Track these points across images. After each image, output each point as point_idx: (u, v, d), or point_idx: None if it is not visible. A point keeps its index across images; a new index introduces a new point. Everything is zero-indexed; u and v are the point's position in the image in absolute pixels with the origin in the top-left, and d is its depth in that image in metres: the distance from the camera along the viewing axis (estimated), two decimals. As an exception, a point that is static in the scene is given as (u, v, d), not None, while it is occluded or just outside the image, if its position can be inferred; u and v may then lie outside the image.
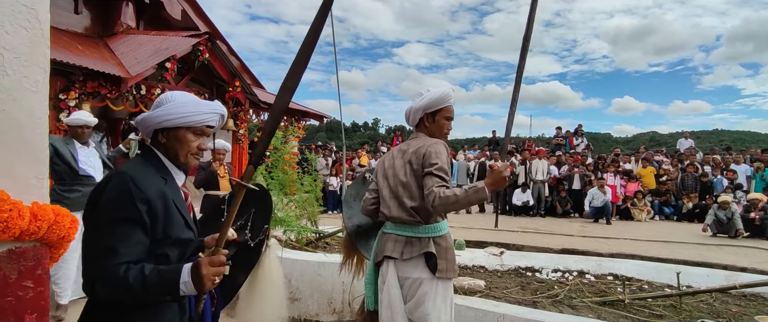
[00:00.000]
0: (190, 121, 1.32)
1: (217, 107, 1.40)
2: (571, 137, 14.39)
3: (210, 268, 1.19)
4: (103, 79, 6.61)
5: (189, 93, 1.39)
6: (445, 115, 2.14)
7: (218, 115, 1.40)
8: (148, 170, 1.30)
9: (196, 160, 1.38)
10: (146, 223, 1.20)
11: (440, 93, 2.12)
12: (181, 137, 1.34)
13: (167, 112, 1.31)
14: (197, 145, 1.36)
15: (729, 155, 12.12)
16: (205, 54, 7.98)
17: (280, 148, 4.65)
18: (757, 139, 47.15)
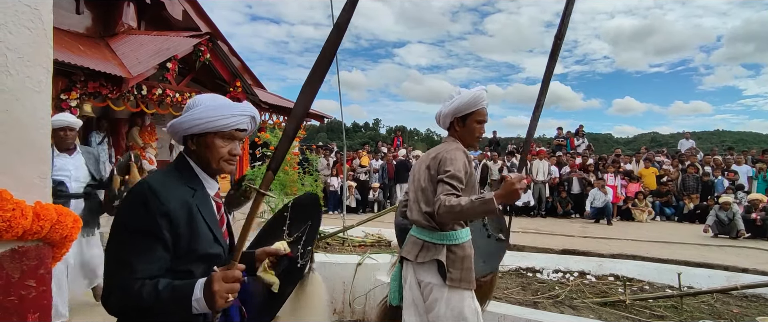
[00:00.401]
0: (217, 125, 1.24)
1: (246, 109, 1.30)
2: (572, 138, 14.38)
3: (223, 284, 1.08)
4: (104, 79, 6.62)
5: (217, 96, 1.31)
6: (476, 119, 2.06)
7: (248, 118, 1.30)
8: (174, 180, 1.25)
9: (229, 166, 1.29)
10: (165, 238, 1.14)
11: (471, 96, 2.04)
12: (210, 143, 1.27)
13: (193, 118, 1.25)
14: (228, 150, 1.28)
15: (730, 156, 12.10)
16: (206, 54, 7.99)
17: (281, 149, 4.66)
18: (759, 139, 47.09)
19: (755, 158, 11.40)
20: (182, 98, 7.96)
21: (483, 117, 2.07)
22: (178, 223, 1.16)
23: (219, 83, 8.70)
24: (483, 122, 2.08)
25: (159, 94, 7.51)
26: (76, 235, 1.13)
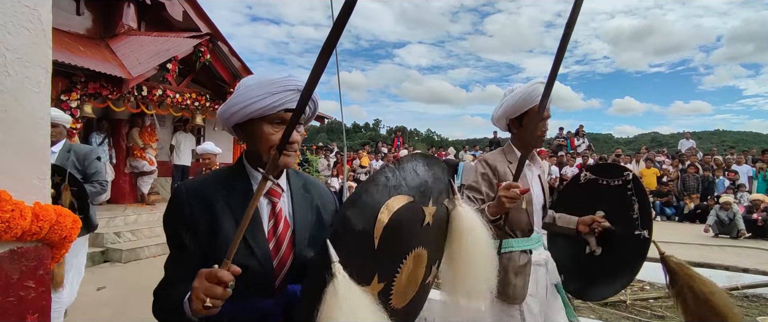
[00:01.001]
0: (260, 107, 1.05)
1: (288, 83, 1.06)
2: (572, 138, 14.39)
3: (203, 282, 0.91)
4: (104, 80, 6.62)
5: (267, 76, 1.10)
6: (533, 118, 1.82)
7: (295, 93, 1.06)
8: (213, 181, 1.12)
9: (286, 157, 1.06)
10: (187, 245, 1.06)
11: (522, 93, 1.85)
12: (256, 131, 1.09)
13: (234, 103, 1.08)
14: (279, 137, 1.05)
15: (730, 156, 12.11)
16: (206, 55, 7.99)
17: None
18: (759, 139, 47.11)
19: (755, 158, 11.40)
20: (182, 99, 7.96)
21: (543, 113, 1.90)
22: (197, 230, 1.05)
23: (219, 84, 8.71)
24: (543, 119, 1.85)
25: (159, 95, 7.52)
26: (75, 235, 1.13)
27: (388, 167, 1.05)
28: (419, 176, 1.12)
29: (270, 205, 1.14)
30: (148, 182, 8.41)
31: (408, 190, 1.08)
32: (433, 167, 1.19)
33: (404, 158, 1.11)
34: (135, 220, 7.18)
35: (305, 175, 1.30)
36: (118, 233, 6.36)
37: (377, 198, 1.01)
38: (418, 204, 1.11)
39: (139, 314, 3.93)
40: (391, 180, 1.04)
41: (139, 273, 5.33)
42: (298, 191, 1.20)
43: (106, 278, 4.90)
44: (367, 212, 0.99)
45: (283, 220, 1.13)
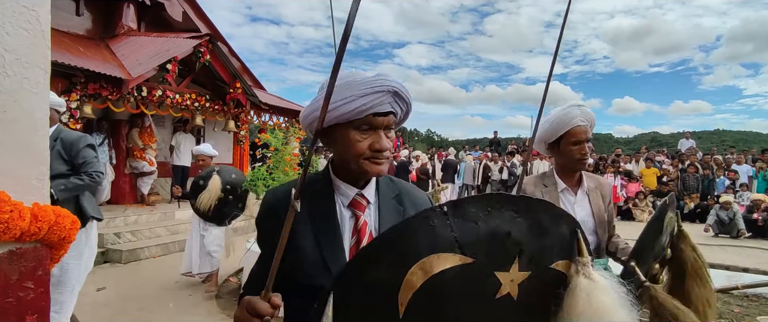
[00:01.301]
0: (346, 111, 0.92)
1: (378, 84, 0.93)
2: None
3: (244, 312, 0.82)
4: (104, 80, 6.62)
5: (352, 72, 0.98)
6: (569, 142, 1.82)
7: (386, 95, 0.94)
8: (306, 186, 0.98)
9: (376, 166, 0.96)
10: (266, 251, 1.01)
11: (556, 117, 1.82)
12: (342, 137, 0.97)
13: (316, 106, 0.96)
14: (369, 144, 0.95)
15: (730, 155, 12.10)
16: (206, 55, 7.99)
17: (281, 150, 4.65)
18: (759, 139, 47.11)
19: (755, 158, 11.39)
20: (182, 100, 7.96)
21: (577, 136, 1.81)
22: (276, 241, 0.92)
23: (219, 84, 8.71)
24: (580, 142, 1.81)
25: (159, 96, 7.52)
26: (74, 236, 1.12)
27: (439, 210, 0.76)
28: (491, 226, 0.78)
29: (353, 218, 1.02)
30: (148, 183, 8.41)
31: (463, 246, 0.77)
32: (529, 213, 0.81)
33: (470, 200, 0.78)
34: (135, 220, 7.18)
35: (403, 184, 1.15)
36: (118, 233, 6.36)
37: (412, 250, 0.75)
38: (485, 268, 0.78)
39: (139, 314, 3.93)
40: (439, 228, 0.76)
41: (139, 274, 5.33)
42: (388, 203, 1.06)
43: (106, 279, 4.89)
44: (392, 266, 0.76)
45: (367, 235, 1.00)
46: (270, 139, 4.66)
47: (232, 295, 4.51)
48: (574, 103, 1.86)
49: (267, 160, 4.87)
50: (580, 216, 1.89)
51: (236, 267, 5.03)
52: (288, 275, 0.93)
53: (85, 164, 2.68)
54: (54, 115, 2.72)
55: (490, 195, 0.79)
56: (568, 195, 1.92)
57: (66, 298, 2.74)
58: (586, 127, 1.83)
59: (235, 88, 8.73)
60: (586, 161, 1.87)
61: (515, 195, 0.81)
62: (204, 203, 4.23)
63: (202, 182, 4.36)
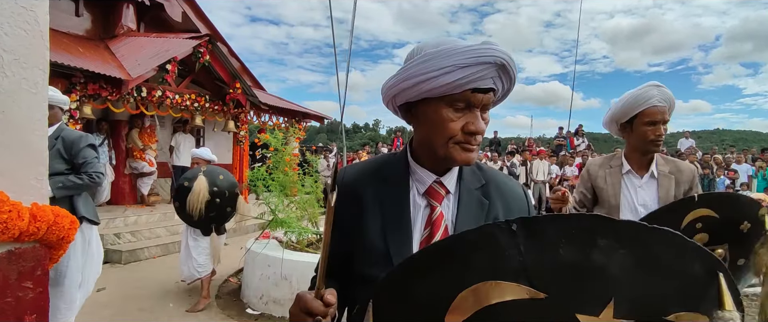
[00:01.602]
0: (441, 84, 0.78)
1: (485, 53, 0.78)
2: (571, 138, 14.39)
3: (297, 310, 0.75)
4: (104, 81, 6.62)
5: (447, 40, 0.84)
6: (643, 121, 1.80)
7: (490, 68, 0.79)
8: (369, 167, 0.94)
9: (466, 152, 0.84)
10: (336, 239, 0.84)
11: (631, 96, 1.82)
12: (430, 115, 0.84)
13: (408, 76, 0.82)
14: (462, 126, 0.82)
15: (730, 154, 12.10)
16: (205, 56, 7.99)
17: (280, 150, 4.65)
18: (759, 138, 47.12)
19: (755, 157, 11.40)
20: (182, 100, 7.96)
21: (652, 117, 1.78)
22: (343, 226, 0.85)
23: (218, 85, 8.70)
24: (654, 123, 1.79)
25: (159, 96, 7.52)
26: (73, 236, 1.12)
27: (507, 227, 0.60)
28: (576, 257, 0.60)
29: (428, 208, 0.89)
30: (147, 183, 8.41)
31: (533, 277, 0.60)
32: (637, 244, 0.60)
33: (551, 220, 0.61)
34: (135, 221, 7.18)
35: (492, 172, 0.99)
36: (118, 234, 6.36)
37: (467, 270, 0.61)
38: (562, 307, 0.60)
39: (140, 315, 3.93)
40: (505, 249, 0.60)
41: (139, 274, 5.33)
42: (471, 195, 0.92)
43: (106, 280, 4.89)
44: (441, 283, 0.63)
45: (441, 229, 0.88)
46: (270, 139, 4.66)
47: (232, 295, 4.51)
48: (652, 83, 1.83)
49: (267, 160, 4.87)
50: (642, 199, 1.87)
51: (236, 267, 5.03)
52: (354, 265, 0.85)
53: (85, 163, 2.64)
54: (58, 112, 2.67)
55: (580, 216, 0.61)
56: (633, 178, 1.91)
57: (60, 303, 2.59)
58: (664, 108, 1.79)
59: (235, 89, 8.73)
60: (659, 143, 1.82)
61: (619, 220, 0.61)
62: (190, 207, 3.91)
63: (187, 184, 4.03)
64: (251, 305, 4.10)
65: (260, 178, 4.46)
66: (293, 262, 3.85)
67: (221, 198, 3.99)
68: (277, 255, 3.91)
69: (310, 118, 12.46)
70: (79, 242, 2.68)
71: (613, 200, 1.91)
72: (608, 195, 1.94)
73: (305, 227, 4.42)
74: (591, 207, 2.07)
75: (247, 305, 4.14)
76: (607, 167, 1.98)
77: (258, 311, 3.99)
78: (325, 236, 0.71)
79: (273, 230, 4.39)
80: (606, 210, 1.95)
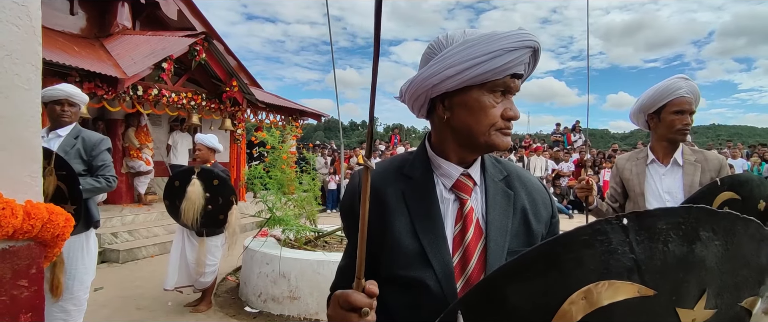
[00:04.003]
0: (487, 70, 0.78)
1: (526, 38, 0.79)
2: (569, 134, 14.42)
3: (337, 309, 0.70)
4: (99, 80, 6.58)
5: (484, 31, 0.82)
6: (671, 111, 1.87)
7: (527, 53, 0.81)
8: (392, 166, 0.91)
9: (505, 139, 0.84)
10: (354, 240, 0.84)
11: (658, 88, 1.89)
12: (471, 102, 0.82)
13: (451, 63, 0.79)
14: (502, 111, 0.83)
15: (727, 149, 12.16)
16: (201, 54, 7.95)
17: (278, 148, 4.64)
18: (754, 133, 47.37)
19: (750, 152, 11.45)
20: (178, 98, 7.93)
21: (680, 106, 1.85)
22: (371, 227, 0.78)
23: (215, 83, 8.67)
24: (682, 113, 1.86)
25: (155, 95, 7.48)
26: (68, 234, 1.11)
27: (617, 223, 0.57)
28: (684, 250, 0.59)
29: (457, 203, 0.86)
30: (144, 182, 8.38)
31: (645, 274, 0.58)
32: (730, 235, 0.62)
33: (661, 213, 0.58)
34: (132, 220, 7.15)
35: (510, 164, 0.98)
36: (115, 233, 6.34)
37: (576, 272, 0.58)
38: (668, 303, 0.60)
39: (138, 314, 3.92)
40: (615, 246, 0.57)
41: (137, 274, 5.31)
42: (497, 187, 0.90)
43: (103, 279, 4.87)
44: (546, 289, 0.59)
45: (473, 225, 0.85)
46: (267, 137, 4.64)
47: (230, 294, 4.50)
48: (680, 76, 1.89)
49: (264, 158, 4.85)
50: (667, 186, 1.94)
51: (234, 265, 5.02)
52: (381, 267, 0.81)
53: (104, 166, 2.63)
54: (78, 111, 2.66)
55: (689, 208, 0.60)
56: (657, 167, 1.99)
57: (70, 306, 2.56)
58: (691, 99, 1.85)
59: (232, 87, 8.70)
60: (686, 132, 1.89)
61: (718, 210, 0.61)
62: (185, 216, 3.63)
63: (177, 184, 3.73)
64: (250, 303, 4.09)
65: (258, 176, 4.45)
66: (291, 260, 3.85)
67: (214, 205, 3.68)
68: (275, 253, 3.90)
69: (307, 116, 12.44)
70: (85, 245, 2.65)
71: (638, 188, 1.99)
72: (633, 185, 2.02)
73: (303, 225, 4.42)
74: (622, 201, 2.14)
75: (245, 303, 4.13)
76: (634, 160, 2.06)
77: (257, 309, 3.98)
78: (361, 225, 0.67)
79: (271, 228, 4.38)
80: (633, 200, 2.03)
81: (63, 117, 2.61)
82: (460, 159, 0.88)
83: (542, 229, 0.91)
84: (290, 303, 3.82)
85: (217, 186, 3.70)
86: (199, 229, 3.75)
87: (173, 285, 3.88)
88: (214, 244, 3.91)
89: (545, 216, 0.92)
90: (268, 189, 4.40)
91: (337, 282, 0.92)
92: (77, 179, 2.20)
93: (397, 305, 0.80)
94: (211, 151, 3.93)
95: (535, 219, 0.90)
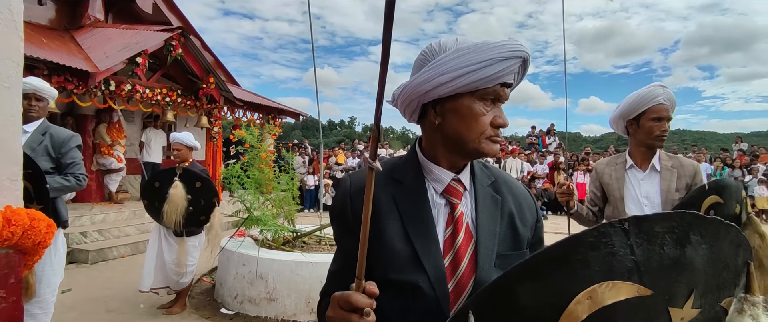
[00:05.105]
0: (478, 79, 0.81)
1: (515, 49, 0.82)
2: (543, 136, 14.75)
3: (337, 310, 0.71)
4: (69, 73, 6.33)
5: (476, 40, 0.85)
6: (650, 117, 1.92)
7: (517, 63, 0.83)
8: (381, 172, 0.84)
9: (494, 146, 0.87)
10: (349, 252, 0.86)
11: (637, 95, 1.95)
12: (462, 109, 0.85)
13: (444, 71, 0.82)
14: (492, 119, 0.86)
15: (692, 154, 12.69)
16: (178, 49, 7.76)
17: (256, 146, 4.57)
18: (717, 138, 49.55)
19: (713, 157, 11.99)
20: (152, 94, 7.71)
21: (659, 113, 1.91)
22: (357, 230, 0.80)
23: (191, 79, 8.48)
24: (661, 119, 1.92)
25: (128, 90, 7.26)
26: (49, 241, 1.06)
27: (620, 226, 0.62)
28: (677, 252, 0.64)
29: (448, 207, 0.88)
30: (116, 180, 8.12)
31: (643, 275, 0.62)
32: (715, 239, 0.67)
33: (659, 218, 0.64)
34: (102, 219, 6.92)
35: (497, 170, 1.01)
36: (85, 232, 6.12)
37: (583, 272, 0.61)
38: (661, 302, 0.64)
39: (108, 316, 3.79)
40: (618, 248, 0.62)
41: (107, 274, 5.15)
42: (485, 192, 0.93)
43: (71, 281, 4.70)
44: (554, 290, 0.62)
45: (464, 228, 0.87)
46: (245, 135, 4.57)
47: (205, 295, 4.41)
48: (657, 84, 1.95)
49: (241, 157, 4.77)
50: (645, 191, 2.00)
51: (210, 266, 4.92)
52: (373, 271, 0.81)
53: (73, 164, 2.52)
54: (46, 105, 2.53)
55: (682, 214, 0.65)
56: (636, 172, 2.05)
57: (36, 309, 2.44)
58: (668, 106, 1.92)
59: (209, 83, 8.52)
60: (664, 138, 1.95)
61: (706, 216, 0.66)
62: (169, 219, 3.57)
63: (158, 185, 3.65)
64: (226, 305, 4.02)
65: (235, 175, 4.38)
66: (269, 260, 3.80)
67: (195, 207, 3.64)
68: (253, 254, 3.85)
69: (286, 115, 12.30)
70: (53, 245, 2.49)
71: (618, 192, 2.05)
72: (613, 189, 2.07)
73: (281, 225, 4.37)
74: (601, 204, 2.19)
75: (221, 305, 4.06)
76: (613, 166, 2.11)
77: (233, 311, 3.92)
78: (363, 226, 0.68)
79: (248, 228, 4.32)
80: (613, 204, 2.08)
81: (30, 112, 2.49)
82: (450, 164, 0.90)
83: (528, 233, 0.94)
84: (267, 305, 3.78)
85: (200, 188, 3.65)
86: (179, 230, 3.68)
87: (149, 286, 3.77)
88: (192, 244, 3.83)
89: (531, 220, 0.96)
90: (246, 188, 4.34)
91: (328, 287, 0.93)
92: (44, 178, 2.09)
93: (390, 308, 0.80)
94: (189, 149, 3.86)
95: (522, 223, 0.93)
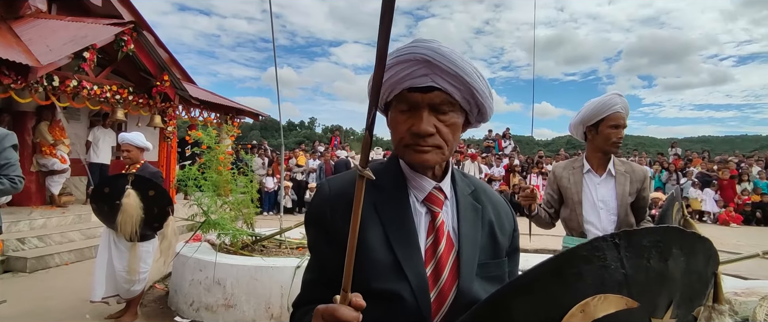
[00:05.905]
0: (388, 85, 0.82)
1: (406, 51, 0.80)
2: (499, 140, 15.25)
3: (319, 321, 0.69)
4: (6, 67, 5.89)
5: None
6: (608, 124, 2.02)
7: (419, 66, 0.79)
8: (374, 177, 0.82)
9: (417, 154, 0.83)
10: (326, 259, 0.85)
11: (597, 103, 2.03)
12: (391, 117, 0.86)
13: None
14: (408, 127, 0.82)
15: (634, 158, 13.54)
16: (130, 44, 7.41)
17: (214, 148, 4.46)
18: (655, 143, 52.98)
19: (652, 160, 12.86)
20: (101, 91, 7.32)
21: (617, 121, 2.02)
22: (338, 239, 0.80)
23: (144, 76, 8.12)
24: (618, 127, 2.03)
25: (74, 86, 6.85)
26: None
27: (611, 241, 0.63)
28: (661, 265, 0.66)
29: (429, 215, 0.87)
30: (58, 182, 7.63)
31: (632, 287, 0.64)
32: (692, 252, 0.71)
33: (646, 232, 0.65)
34: (43, 224, 6.49)
35: (476, 179, 1.01)
36: (22, 239, 5.72)
37: (577, 286, 0.62)
38: (644, 313, 0.66)
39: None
40: (609, 262, 0.63)
41: (49, 284, 4.84)
42: (466, 201, 0.92)
43: (7, 291, 4.39)
44: (549, 303, 0.62)
45: (445, 237, 0.86)
46: (202, 136, 4.45)
47: (158, 303, 4.25)
48: (615, 92, 2.05)
49: (198, 158, 4.64)
50: (602, 195, 2.10)
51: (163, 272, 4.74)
52: (353, 279, 0.76)
53: (8, 165, 2.40)
54: None
55: (667, 229, 0.68)
56: (593, 176, 2.14)
57: None
58: (624, 114, 2.03)
59: (163, 81, 8.20)
60: (619, 144, 2.06)
61: (686, 230, 0.69)
62: (124, 229, 3.42)
63: (107, 191, 3.49)
64: (180, 313, 3.90)
65: (192, 177, 4.25)
66: (227, 265, 3.72)
67: (149, 215, 3.51)
68: (210, 259, 3.75)
69: (244, 115, 12.02)
70: None
71: (576, 196, 2.13)
72: (571, 193, 2.15)
73: (240, 229, 4.29)
74: (557, 207, 2.26)
75: (175, 313, 3.93)
76: (570, 169, 2.19)
77: (188, 319, 3.80)
78: (351, 236, 0.66)
79: (205, 233, 4.20)
80: (570, 207, 2.15)
81: None
82: (428, 172, 0.89)
83: (506, 241, 0.95)
84: (225, 311, 3.70)
85: (153, 196, 3.52)
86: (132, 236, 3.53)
87: (101, 296, 3.58)
88: (146, 249, 3.67)
89: (508, 229, 0.96)
90: (203, 191, 4.22)
91: (304, 296, 0.90)
92: None
93: (370, 319, 0.74)
94: (140, 150, 3.71)
95: (501, 232, 0.93)
